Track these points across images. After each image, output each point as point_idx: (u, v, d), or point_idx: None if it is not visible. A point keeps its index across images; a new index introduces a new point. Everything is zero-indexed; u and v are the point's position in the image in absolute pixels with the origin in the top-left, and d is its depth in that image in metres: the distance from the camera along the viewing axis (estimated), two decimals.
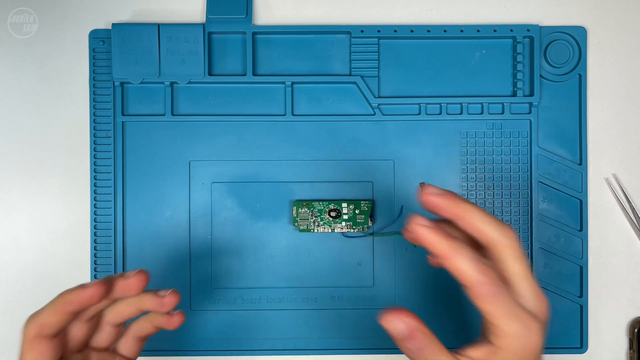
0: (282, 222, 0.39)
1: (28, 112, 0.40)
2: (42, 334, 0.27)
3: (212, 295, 0.39)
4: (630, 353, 0.39)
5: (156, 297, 0.29)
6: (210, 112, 0.39)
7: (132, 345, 0.31)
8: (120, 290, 0.28)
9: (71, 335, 0.29)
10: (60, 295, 0.27)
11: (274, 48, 0.39)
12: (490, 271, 0.26)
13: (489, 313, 0.26)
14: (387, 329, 0.26)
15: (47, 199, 0.40)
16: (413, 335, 0.26)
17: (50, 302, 0.27)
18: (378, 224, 0.39)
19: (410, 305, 0.39)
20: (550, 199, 0.39)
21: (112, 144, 0.39)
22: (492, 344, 0.27)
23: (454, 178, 0.39)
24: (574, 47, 0.39)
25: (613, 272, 0.40)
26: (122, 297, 0.29)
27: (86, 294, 0.27)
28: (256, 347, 0.39)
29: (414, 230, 0.26)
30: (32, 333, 0.27)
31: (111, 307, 0.30)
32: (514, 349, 0.26)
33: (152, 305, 0.29)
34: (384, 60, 0.39)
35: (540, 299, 0.27)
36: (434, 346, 0.27)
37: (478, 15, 0.40)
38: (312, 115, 0.39)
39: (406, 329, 0.26)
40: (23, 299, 0.40)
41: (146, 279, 0.28)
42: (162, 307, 0.29)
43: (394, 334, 0.26)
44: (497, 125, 0.39)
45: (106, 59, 0.39)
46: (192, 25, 0.38)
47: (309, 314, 0.39)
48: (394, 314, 0.26)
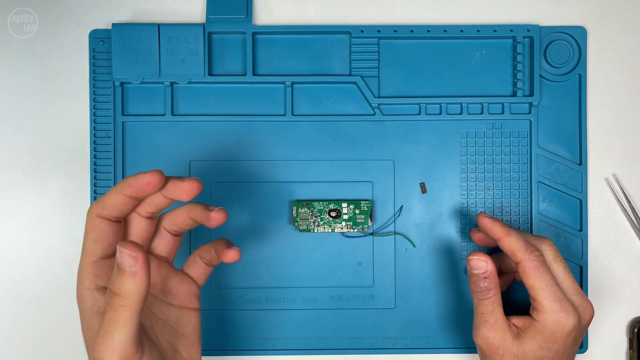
0: (282, 222, 0.39)
1: (28, 112, 0.40)
2: (104, 214, 0.28)
3: (212, 295, 0.39)
4: (630, 353, 0.39)
5: (205, 209, 0.29)
6: (210, 112, 0.39)
7: (170, 240, 0.31)
8: (172, 190, 0.28)
9: (132, 229, 0.29)
10: (121, 180, 0.28)
11: (274, 48, 0.39)
12: (537, 252, 0.32)
13: (532, 287, 0.32)
14: (472, 264, 0.33)
15: (47, 199, 0.40)
16: (489, 276, 0.33)
17: (112, 187, 0.28)
18: (378, 224, 0.39)
19: (410, 305, 0.39)
20: (550, 199, 0.39)
21: (112, 144, 0.39)
22: (532, 318, 0.32)
23: (454, 178, 0.39)
24: (574, 47, 0.39)
25: (613, 272, 0.40)
26: (174, 197, 0.29)
27: (144, 179, 0.27)
28: (256, 347, 0.39)
29: (480, 220, 0.34)
30: (95, 211, 0.28)
31: (167, 213, 0.31)
32: (549, 325, 0.32)
33: (201, 216, 0.30)
34: (384, 60, 0.39)
35: (582, 297, 0.33)
36: (497, 292, 0.33)
37: (478, 15, 0.40)
38: (312, 115, 0.39)
39: (487, 269, 0.33)
40: (23, 299, 0.40)
41: (199, 187, 0.28)
42: (208, 220, 0.29)
43: (475, 270, 0.33)
44: (497, 125, 0.39)
45: (106, 59, 0.39)
46: (192, 25, 0.38)
47: (309, 314, 0.39)
48: (482, 253, 0.33)
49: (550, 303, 0.32)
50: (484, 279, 0.33)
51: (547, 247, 0.34)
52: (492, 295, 0.33)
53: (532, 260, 0.32)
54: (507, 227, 0.33)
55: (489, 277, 0.33)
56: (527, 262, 0.32)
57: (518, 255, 0.32)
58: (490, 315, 0.33)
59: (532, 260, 0.32)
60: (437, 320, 0.39)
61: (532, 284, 0.32)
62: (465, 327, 0.39)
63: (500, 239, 0.33)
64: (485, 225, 0.34)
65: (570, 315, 0.32)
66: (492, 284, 0.33)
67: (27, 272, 0.40)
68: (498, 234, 0.33)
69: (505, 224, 0.34)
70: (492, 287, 0.33)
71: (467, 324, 0.39)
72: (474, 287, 0.34)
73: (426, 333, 0.39)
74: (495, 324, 0.33)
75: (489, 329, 0.33)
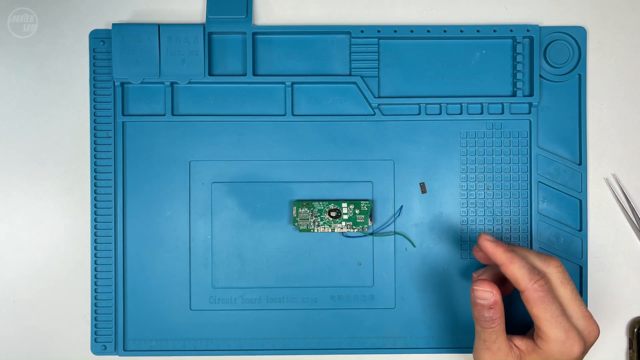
0: (282, 222, 0.39)
1: (28, 112, 0.40)
2: None
3: (212, 295, 0.39)
4: (630, 353, 0.39)
5: None
6: (210, 112, 0.39)
7: None
8: None
9: None
10: None
11: (274, 48, 0.39)
12: (541, 281, 0.31)
13: (537, 316, 0.31)
14: (478, 295, 0.32)
15: (47, 199, 0.40)
16: (494, 306, 0.32)
17: None
18: (378, 224, 0.39)
19: (409, 304, 0.39)
20: (550, 199, 0.39)
21: (112, 144, 0.39)
22: (535, 344, 0.32)
23: (454, 178, 0.39)
24: (574, 47, 0.39)
25: (613, 272, 0.40)
26: None
27: None
28: (256, 347, 0.39)
29: (480, 243, 0.33)
30: None
31: None
32: (554, 355, 0.31)
33: None
34: (384, 60, 0.39)
35: (589, 321, 0.32)
36: (501, 320, 0.32)
37: (478, 16, 0.40)
38: (312, 115, 0.39)
39: (492, 299, 0.32)
40: (23, 299, 0.40)
41: None
42: None
43: (481, 300, 0.32)
44: (497, 125, 0.39)
45: (106, 59, 0.39)
46: (192, 26, 0.38)
47: (309, 314, 0.39)
48: (488, 284, 0.32)
49: (555, 334, 0.31)
50: (489, 309, 0.32)
51: (553, 270, 0.32)
52: (496, 325, 0.32)
53: (537, 290, 0.31)
54: (510, 252, 0.32)
55: (494, 307, 0.32)
56: (531, 292, 0.31)
57: (521, 284, 0.31)
58: (494, 343, 0.32)
59: (536, 291, 0.31)
60: (437, 320, 0.39)
61: (536, 313, 0.31)
62: (465, 327, 0.39)
63: (503, 266, 0.32)
64: (487, 249, 0.32)
65: (576, 344, 0.31)
66: (498, 314, 0.32)
67: (27, 272, 0.40)
68: (500, 260, 0.32)
69: (508, 248, 0.32)
70: (497, 317, 0.32)
71: (467, 324, 0.39)
72: (477, 315, 0.32)
73: (426, 333, 0.39)
74: (498, 350, 0.32)
75: (491, 356, 0.32)
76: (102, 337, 0.39)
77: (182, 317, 0.39)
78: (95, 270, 0.39)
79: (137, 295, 0.39)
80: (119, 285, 0.39)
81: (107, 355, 0.39)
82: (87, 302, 0.39)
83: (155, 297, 0.39)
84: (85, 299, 0.39)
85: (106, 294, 0.39)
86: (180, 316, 0.39)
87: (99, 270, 0.39)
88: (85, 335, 0.39)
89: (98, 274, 0.39)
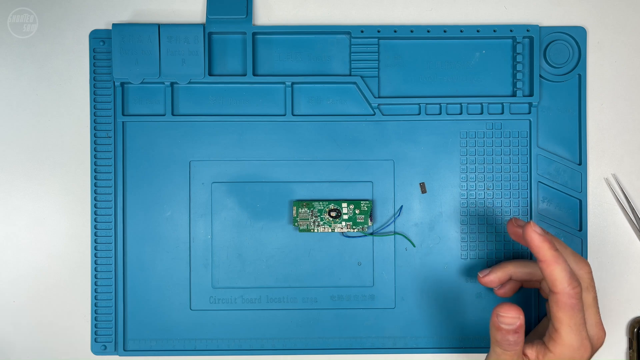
0: (282, 222, 0.39)
1: (28, 112, 0.40)
2: None
3: (212, 295, 0.39)
4: (630, 353, 0.39)
5: None
6: (210, 112, 0.39)
7: None
8: None
9: None
10: None
11: (274, 48, 0.39)
12: (578, 288, 0.30)
13: (560, 320, 0.31)
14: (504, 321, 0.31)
15: (47, 199, 0.40)
16: (519, 330, 0.31)
17: None
18: (378, 224, 0.39)
19: (409, 304, 0.39)
20: (550, 199, 0.39)
21: (112, 144, 0.39)
22: (547, 347, 0.31)
23: (454, 178, 0.39)
24: (574, 47, 0.39)
25: (613, 272, 0.40)
26: None
27: None
28: (256, 347, 0.39)
29: (527, 233, 0.31)
30: None
31: None
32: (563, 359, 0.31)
33: None
34: (383, 60, 0.39)
35: (600, 329, 0.32)
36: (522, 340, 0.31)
37: (478, 16, 0.40)
38: (312, 115, 0.39)
39: (518, 324, 0.31)
40: (23, 299, 0.40)
41: None
42: None
43: (507, 325, 0.31)
44: (497, 125, 0.39)
45: (106, 59, 0.39)
46: (192, 26, 0.38)
47: (309, 314, 0.39)
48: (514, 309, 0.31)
49: (572, 340, 0.31)
50: (515, 333, 0.31)
51: (584, 274, 0.32)
52: (519, 347, 0.31)
53: (571, 297, 0.30)
54: (555, 251, 0.30)
55: (519, 331, 0.31)
56: (565, 297, 0.30)
57: (558, 286, 0.30)
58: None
59: (570, 297, 0.30)
60: (437, 320, 0.39)
61: (561, 317, 0.31)
62: (465, 327, 0.39)
63: (544, 263, 0.30)
64: (533, 241, 0.31)
65: (586, 352, 0.31)
66: (521, 337, 0.31)
67: (27, 272, 0.40)
68: (544, 257, 0.30)
69: (554, 246, 0.30)
70: (520, 340, 0.31)
71: (467, 324, 0.39)
72: (501, 339, 0.31)
73: (426, 333, 0.39)
74: None
75: None
76: (102, 337, 0.39)
77: (182, 317, 0.39)
78: (95, 270, 0.39)
79: (137, 295, 0.39)
80: (119, 285, 0.39)
81: (107, 355, 0.39)
82: (87, 302, 0.39)
83: (155, 297, 0.39)
84: (85, 299, 0.39)
85: (106, 294, 0.39)
86: (180, 316, 0.39)
87: (99, 270, 0.39)
88: (86, 335, 0.39)
89: (98, 274, 0.39)
